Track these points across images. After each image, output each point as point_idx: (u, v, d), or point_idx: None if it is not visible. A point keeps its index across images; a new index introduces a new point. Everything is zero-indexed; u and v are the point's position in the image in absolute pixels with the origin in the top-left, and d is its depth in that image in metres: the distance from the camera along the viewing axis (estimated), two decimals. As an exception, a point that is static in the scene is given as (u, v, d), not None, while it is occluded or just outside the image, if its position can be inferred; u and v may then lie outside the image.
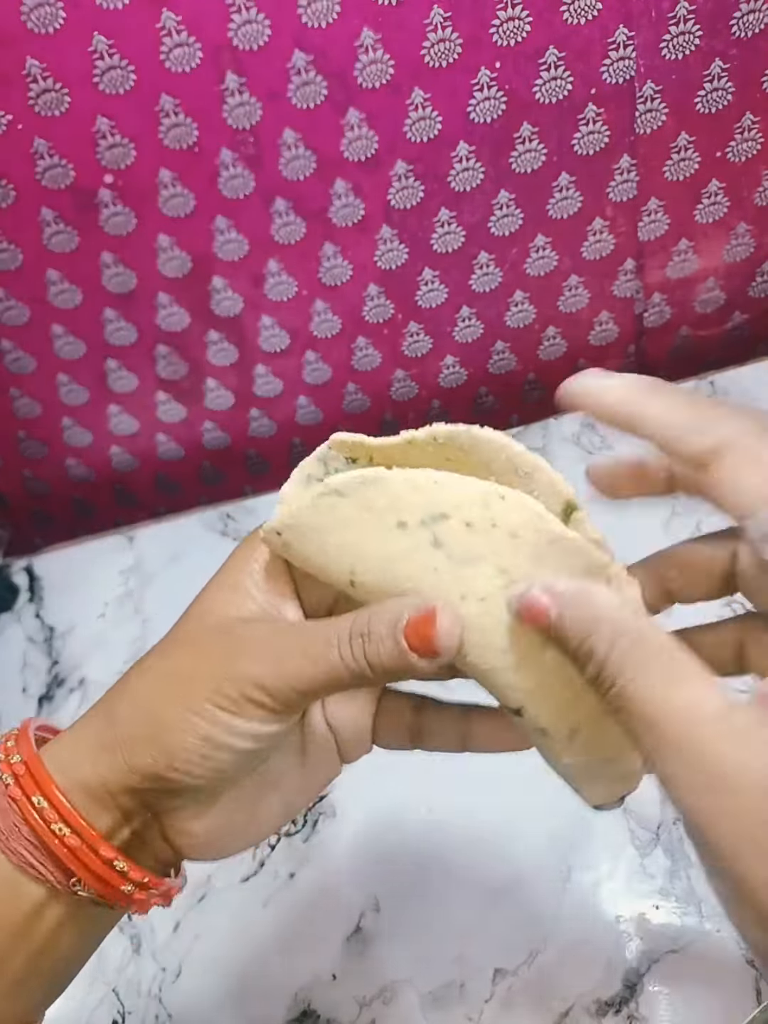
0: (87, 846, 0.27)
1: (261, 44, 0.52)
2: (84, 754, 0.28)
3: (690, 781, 0.21)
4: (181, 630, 0.29)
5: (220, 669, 0.27)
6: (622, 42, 0.55)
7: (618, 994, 0.44)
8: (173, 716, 0.27)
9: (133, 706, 0.28)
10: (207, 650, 0.28)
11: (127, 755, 0.27)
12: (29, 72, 0.50)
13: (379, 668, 0.26)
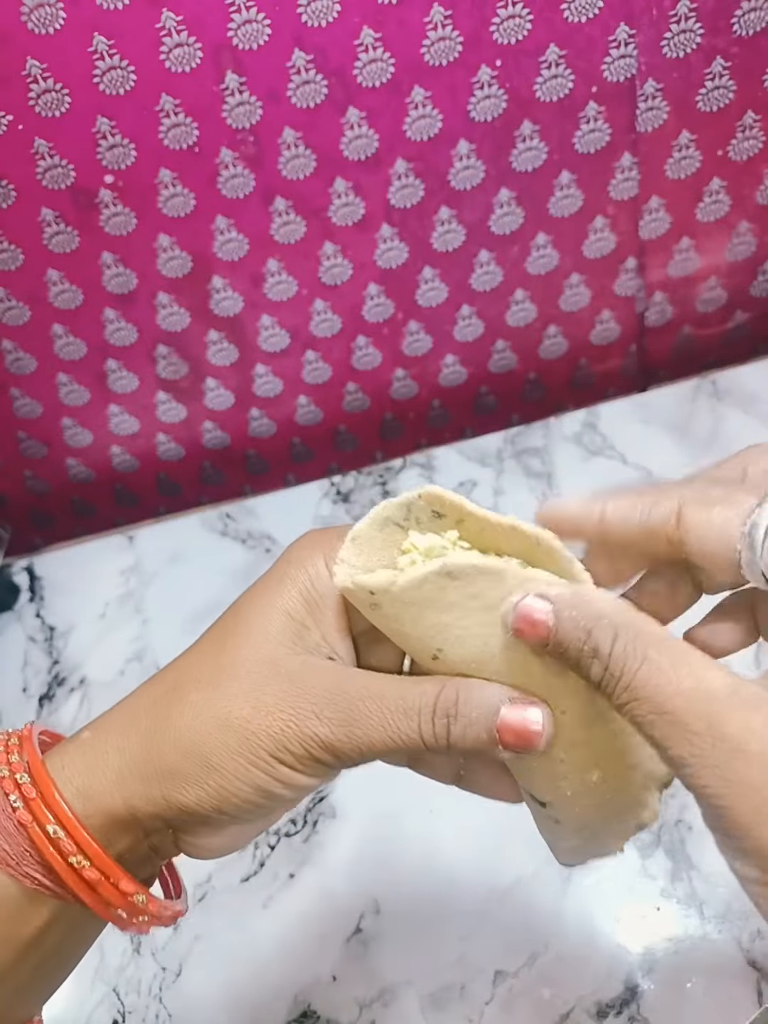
0: (109, 882, 0.26)
1: (261, 43, 0.51)
2: (112, 782, 0.27)
3: (706, 757, 0.21)
4: (231, 656, 0.27)
5: (286, 726, 0.26)
6: (623, 40, 0.55)
7: (619, 996, 0.43)
8: (231, 766, 0.26)
9: (180, 746, 0.26)
10: (269, 698, 0.26)
11: (169, 791, 0.26)
12: (29, 72, 0.50)
13: (459, 749, 0.25)
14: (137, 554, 0.68)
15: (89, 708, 0.60)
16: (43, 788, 0.26)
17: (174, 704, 0.27)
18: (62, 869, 0.25)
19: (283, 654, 0.27)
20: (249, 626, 0.27)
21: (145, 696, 0.28)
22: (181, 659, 0.29)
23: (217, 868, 0.51)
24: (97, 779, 0.27)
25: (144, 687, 0.29)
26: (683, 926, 0.45)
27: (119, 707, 0.29)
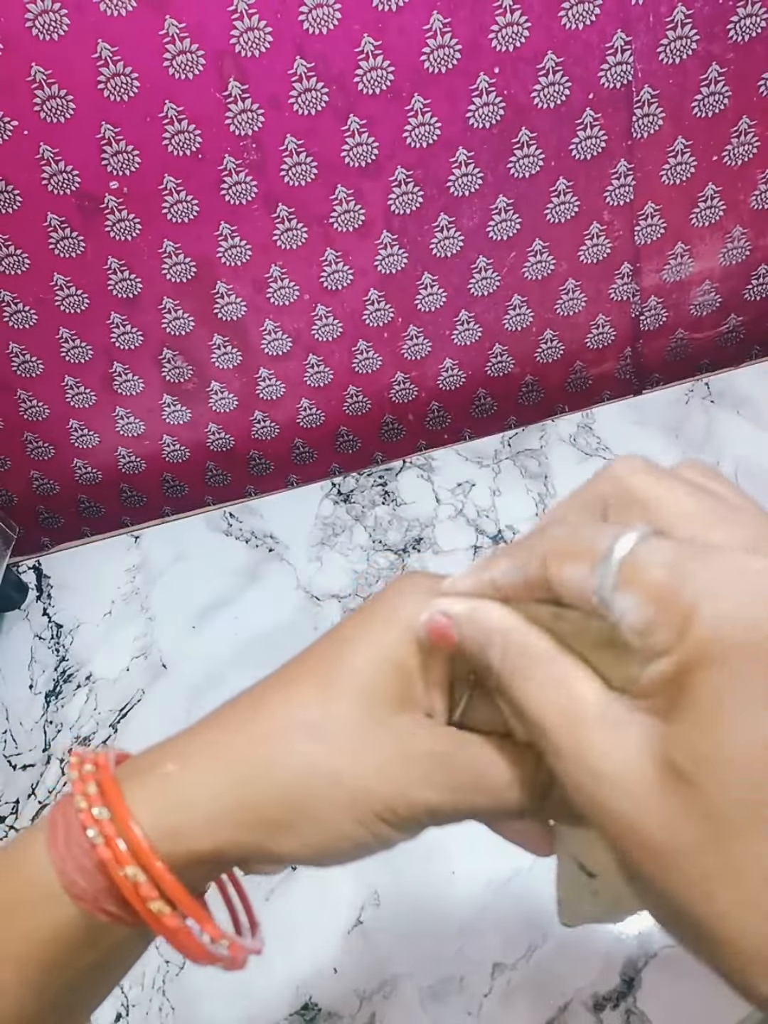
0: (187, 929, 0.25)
1: (263, 51, 0.52)
2: (202, 825, 0.25)
3: (576, 781, 0.22)
4: (337, 706, 0.26)
5: (396, 791, 0.25)
6: (620, 47, 0.55)
7: (616, 988, 0.44)
8: (336, 823, 0.25)
9: (283, 798, 0.25)
10: (378, 758, 0.25)
11: (265, 841, 0.25)
12: (34, 78, 0.51)
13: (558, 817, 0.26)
14: (143, 553, 0.68)
15: (95, 705, 0.60)
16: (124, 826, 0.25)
17: (277, 751, 0.26)
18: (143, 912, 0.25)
19: (389, 712, 0.26)
20: (355, 672, 0.26)
21: (240, 733, 0.27)
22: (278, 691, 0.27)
23: (220, 862, 0.51)
24: (186, 821, 0.25)
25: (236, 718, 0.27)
26: (678, 919, 0.45)
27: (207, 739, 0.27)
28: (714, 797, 0.19)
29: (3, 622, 0.66)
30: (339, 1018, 0.45)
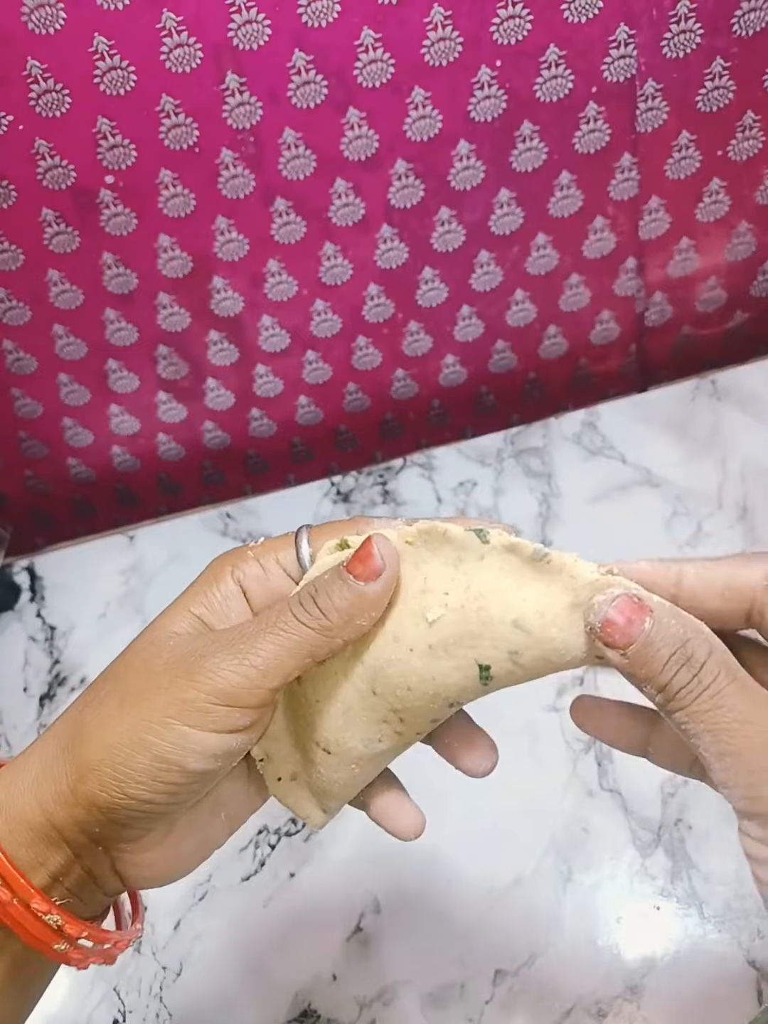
0: (18, 899, 0.25)
1: (261, 44, 0.51)
2: (28, 787, 0.27)
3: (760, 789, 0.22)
4: (132, 651, 0.28)
5: (181, 678, 0.26)
6: (623, 40, 0.55)
7: (619, 995, 0.44)
8: (125, 740, 0.26)
9: (82, 733, 0.27)
10: (159, 666, 0.27)
11: (75, 785, 0.26)
12: (30, 72, 0.50)
13: (337, 614, 0.26)
14: (138, 554, 0.68)
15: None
16: None
17: (85, 704, 0.28)
18: None
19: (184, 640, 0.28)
20: (155, 627, 0.29)
21: (73, 706, 0.29)
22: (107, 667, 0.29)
23: (217, 868, 0.51)
24: (15, 789, 0.27)
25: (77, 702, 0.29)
26: (683, 925, 0.45)
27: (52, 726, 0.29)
28: None
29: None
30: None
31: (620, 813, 0.49)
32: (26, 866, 0.26)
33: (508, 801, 0.50)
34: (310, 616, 0.26)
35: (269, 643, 0.26)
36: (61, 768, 0.26)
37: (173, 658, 0.27)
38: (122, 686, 0.27)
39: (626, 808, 0.49)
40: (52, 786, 0.26)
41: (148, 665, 0.27)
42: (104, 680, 0.28)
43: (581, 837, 0.48)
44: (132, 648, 0.28)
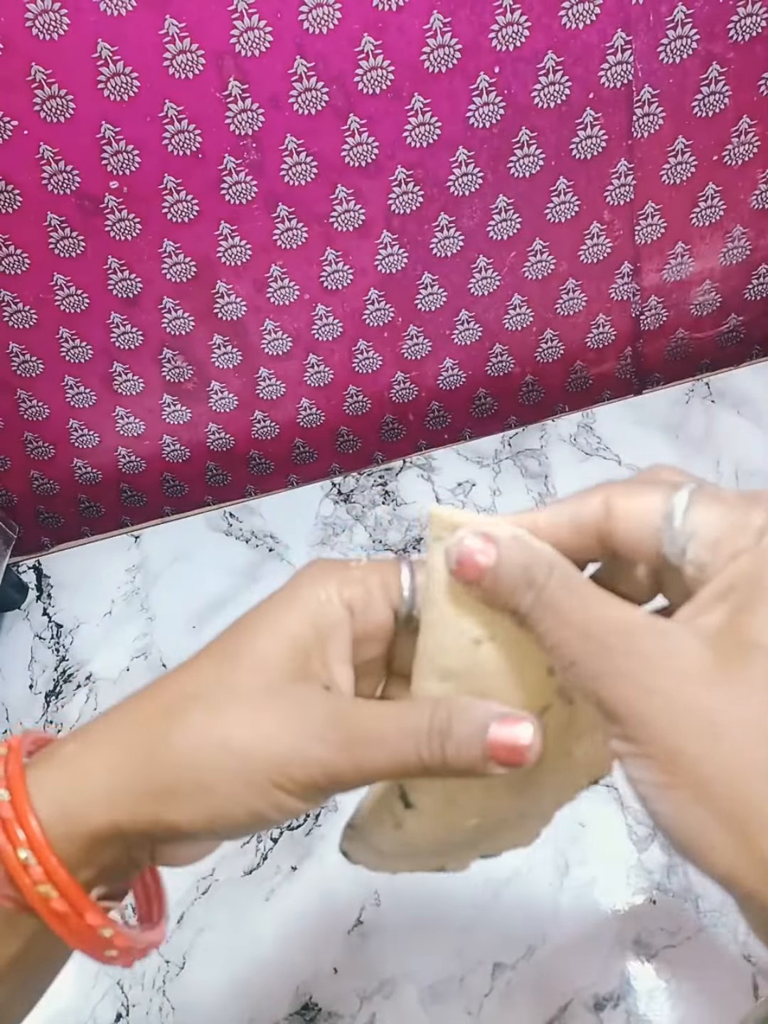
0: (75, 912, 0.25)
1: (263, 50, 0.52)
2: (99, 800, 0.26)
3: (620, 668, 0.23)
4: (232, 678, 0.26)
5: (289, 751, 0.25)
6: (620, 46, 0.55)
7: (616, 989, 0.44)
8: (228, 790, 0.25)
9: (176, 767, 0.25)
10: (270, 724, 0.26)
11: (160, 811, 0.25)
12: (34, 78, 0.51)
13: (455, 768, 0.26)
14: (143, 553, 0.68)
15: (96, 704, 0.60)
16: (19, 807, 0.25)
17: (172, 723, 0.26)
18: (29, 894, 0.25)
19: (285, 682, 0.26)
20: (254, 648, 0.27)
21: (138, 710, 0.27)
22: (178, 673, 0.28)
23: (220, 861, 0.51)
24: (82, 797, 0.26)
25: (136, 699, 0.28)
26: (679, 919, 0.45)
27: (108, 719, 0.27)
28: None
29: (3, 622, 0.66)
30: (339, 1018, 0.45)
31: (617, 808, 0.49)
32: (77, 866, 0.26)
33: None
34: (430, 756, 0.25)
35: (382, 763, 0.25)
36: (141, 788, 0.26)
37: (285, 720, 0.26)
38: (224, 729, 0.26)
39: (623, 803, 0.49)
40: (129, 805, 0.25)
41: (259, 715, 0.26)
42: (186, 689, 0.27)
43: (578, 831, 0.49)
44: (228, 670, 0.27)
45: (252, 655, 0.27)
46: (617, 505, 0.26)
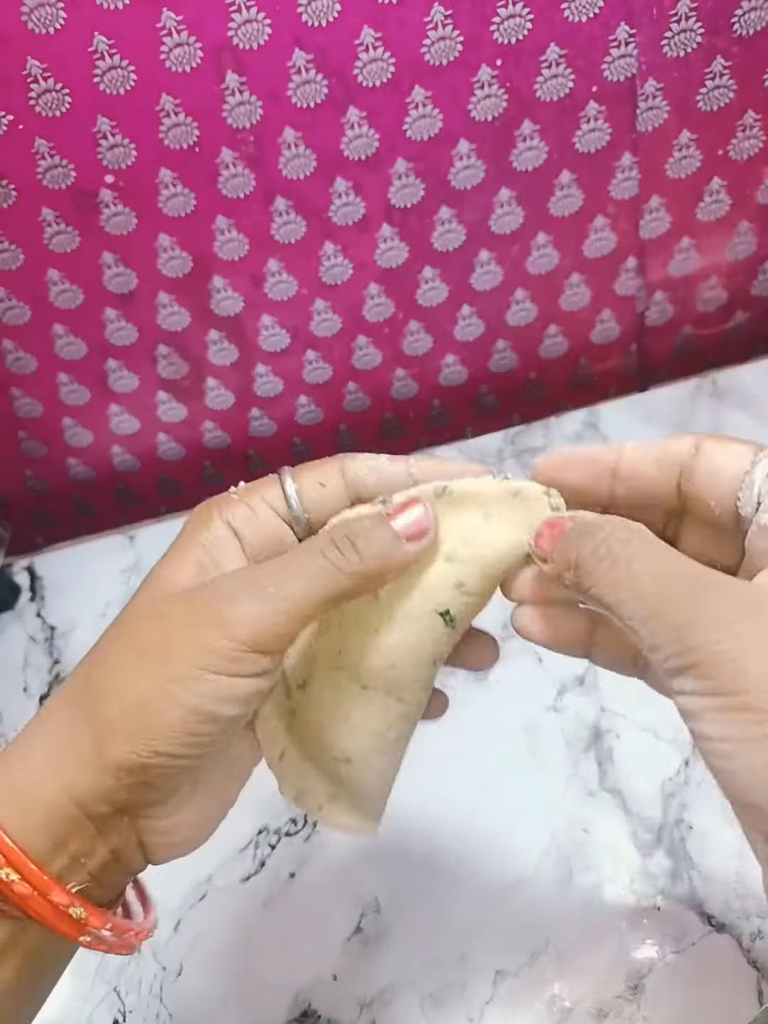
0: (38, 893, 0.24)
1: (261, 43, 0.51)
2: (40, 767, 0.25)
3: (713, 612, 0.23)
4: (140, 605, 0.27)
5: (206, 627, 0.25)
6: (623, 39, 0.55)
7: (620, 996, 0.43)
8: (154, 695, 0.24)
9: (99, 696, 0.25)
10: (177, 614, 0.26)
11: (100, 750, 0.25)
12: (30, 72, 0.50)
13: (374, 562, 0.26)
14: (138, 554, 0.68)
15: (90, 708, 0.60)
16: None
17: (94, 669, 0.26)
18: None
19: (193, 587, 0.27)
20: (151, 578, 0.28)
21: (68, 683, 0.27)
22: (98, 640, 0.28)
23: (217, 867, 0.51)
24: (27, 770, 0.25)
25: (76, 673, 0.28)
26: (683, 925, 0.45)
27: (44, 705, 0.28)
28: None
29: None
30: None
31: (621, 813, 0.49)
32: (43, 852, 0.25)
33: (508, 801, 0.50)
34: (345, 560, 0.26)
35: (298, 588, 0.25)
36: (78, 737, 0.25)
37: (194, 607, 0.26)
38: (139, 641, 0.26)
39: (626, 808, 0.49)
40: (71, 759, 0.25)
41: (166, 617, 0.26)
42: (111, 640, 0.27)
43: (581, 837, 0.48)
44: (139, 603, 0.28)
45: (149, 584, 0.28)
46: (707, 448, 0.26)
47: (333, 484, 0.30)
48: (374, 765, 0.31)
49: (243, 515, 0.29)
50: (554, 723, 0.52)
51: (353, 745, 0.30)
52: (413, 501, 0.28)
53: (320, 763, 0.30)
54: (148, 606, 0.27)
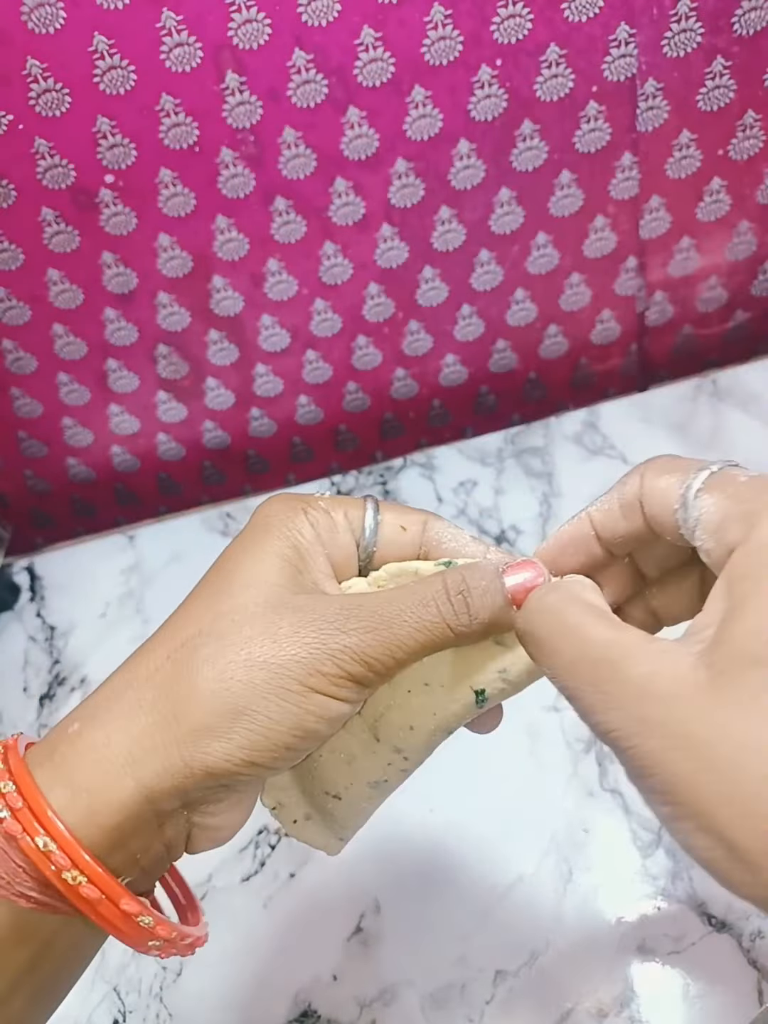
0: (108, 899, 0.24)
1: (261, 43, 0.51)
2: (120, 767, 0.24)
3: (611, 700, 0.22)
4: (230, 604, 0.26)
5: (313, 648, 0.25)
6: (624, 39, 0.55)
7: (620, 996, 0.43)
8: (261, 706, 0.24)
9: (200, 701, 0.24)
10: (286, 629, 0.25)
11: (192, 754, 0.24)
12: (30, 72, 0.50)
13: (480, 623, 0.26)
14: (138, 554, 0.68)
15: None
16: (28, 795, 0.24)
17: (183, 664, 0.25)
18: (57, 881, 0.23)
19: (284, 593, 0.26)
20: (242, 575, 0.27)
21: (140, 668, 0.26)
22: (170, 624, 0.27)
23: (217, 868, 0.51)
24: (100, 770, 0.24)
25: (133, 661, 0.26)
26: (683, 925, 0.45)
27: (108, 686, 0.26)
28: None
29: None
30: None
31: (621, 813, 0.49)
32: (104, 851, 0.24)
33: (509, 801, 0.50)
34: (456, 619, 0.26)
35: (411, 638, 0.25)
36: (167, 737, 0.24)
37: (305, 624, 0.25)
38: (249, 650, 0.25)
39: (627, 808, 0.49)
40: (156, 761, 0.24)
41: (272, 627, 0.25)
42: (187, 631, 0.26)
43: (582, 837, 0.48)
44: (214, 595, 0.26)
45: (242, 581, 0.26)
46: (647, 482, 0.26)
47: (412, 533, 0.29)
48: (359, 807, 0.31)
49: (326, 524, 0.28)
50: (554, 723, 0.52)
51: (346, 786, 0.30)
52: (528, 563, 0.27)
53: (308, 789, 0.31)
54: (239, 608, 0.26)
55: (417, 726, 0.29)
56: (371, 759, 0.29)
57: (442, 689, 0.28)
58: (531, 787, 0.50)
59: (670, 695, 0.21)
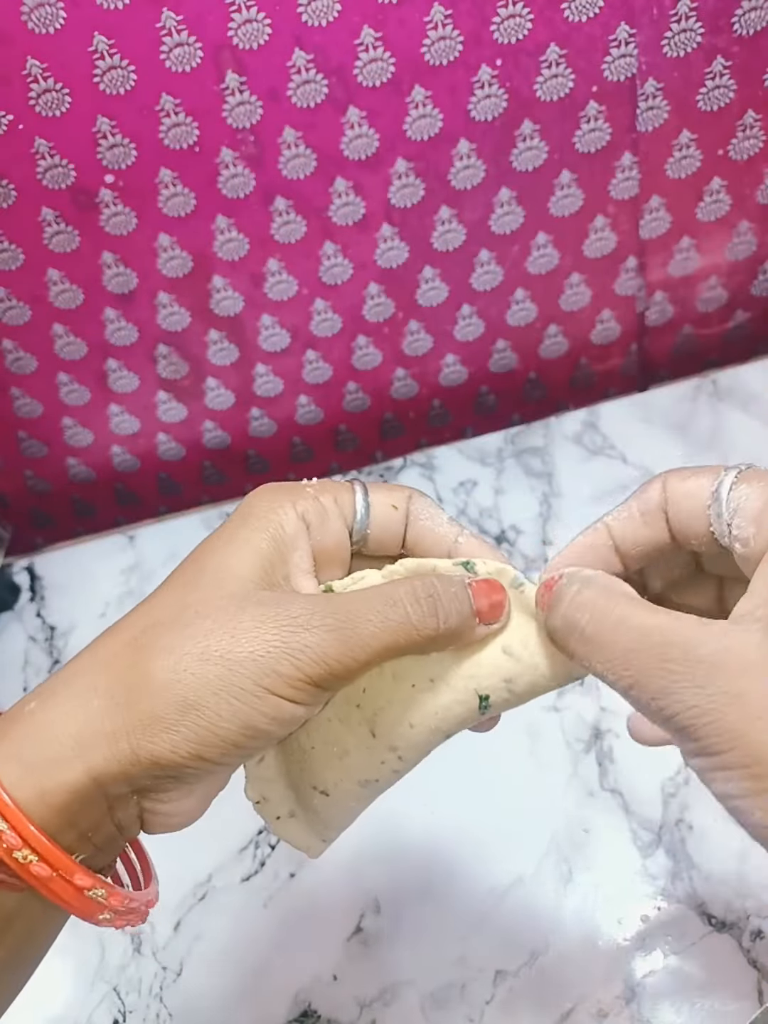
0: (60, 876, 0.24)
1: (261, 43, 0.51)
2: (70, 748, 0.24)
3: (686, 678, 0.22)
4: (197, 595, 0.26)
5: (272, 646, 0.24)
6: (624, 39, 0.55)
7: (620, 996, 0.43)
8: (211, 702, 0.24)
9: (152, 691, 0.24)
10: (247, 624, 0.25)
11: (139, 742, 0.24)
12: (30, 72, 0.50)
13: (448, 628, 0.26)
14: (138, 553, 0.68)
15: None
16: None
17: (141, 652, 0.25)
18: (9, 861, 0.23)
19: (251, 588, 0.26)
20: (215, 565, 0.26)
21: (101, 651, 0.26)
22: (138, 609, 0.27)
23: (217, 868, 0.51)
24: (50, 750, 0.24)
25: (96, 644, 0.26)
26: (683, 926, 0.45)
27: (69, 667, 0.26)
28: None
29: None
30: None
31: (621, 813, 0.49)
32: (56, 830, 0.24)
33: (509, 801, 0.50)
34: (423, 622, 0.25)
35: (375, 638, 0.25)
36: (117, 723, 0.24)
37: (265, 623, 0.25)
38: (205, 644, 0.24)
39: (627, 808, 0.49)
40: (105, 746, 0.24)
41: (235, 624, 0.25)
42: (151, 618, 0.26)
43: (582, 837, 0.48)
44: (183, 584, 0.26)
45: (214, 572, 0.26)
46: (671, 487, 0.26)
47: (402, 511, 0.29)
48: (347, 805, 0.30)
49: (316, 511, 0.28)
50: (554, 723, 0.52)
51: (336, 782, 0.30)
52: (498, 587, 0.27)
53: (295, 783, 0.30)
54: (205, 600, 0.26)
55: (417, 724, 0.28)
56: (365, 756, 0.29)
57: (447, 688, 0.28)
58: (531, 787, 0.50)
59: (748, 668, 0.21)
